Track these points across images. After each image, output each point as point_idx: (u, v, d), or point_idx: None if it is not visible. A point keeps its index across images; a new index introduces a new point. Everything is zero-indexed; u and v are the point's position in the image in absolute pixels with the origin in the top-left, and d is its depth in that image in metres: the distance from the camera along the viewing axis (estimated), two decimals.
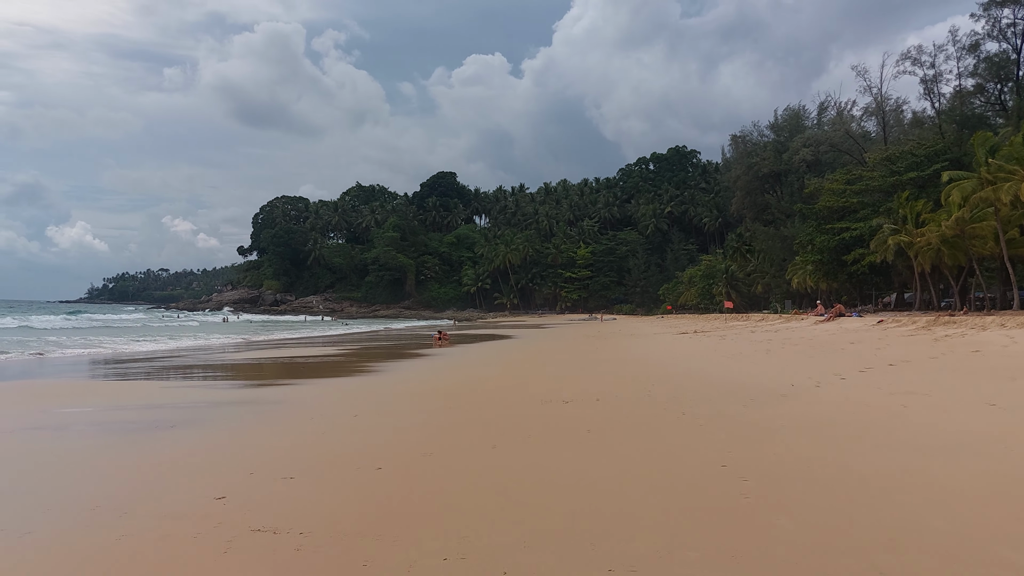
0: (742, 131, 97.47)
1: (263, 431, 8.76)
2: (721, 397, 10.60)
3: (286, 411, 10.45)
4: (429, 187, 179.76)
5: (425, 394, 12.37)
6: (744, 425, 8.19)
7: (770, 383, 12.18)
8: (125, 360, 23.12)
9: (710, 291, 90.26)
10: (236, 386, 14.71)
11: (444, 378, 16.02)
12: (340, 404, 11.22)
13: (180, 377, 17.57)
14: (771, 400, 10.11)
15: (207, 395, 12.79)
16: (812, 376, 12.68)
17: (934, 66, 55.69)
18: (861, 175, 54.33)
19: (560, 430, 8.18)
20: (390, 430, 8.68)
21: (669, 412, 9.23)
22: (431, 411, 10.11)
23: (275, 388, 14.16)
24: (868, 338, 20.69)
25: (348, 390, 13.69)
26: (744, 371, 14.82)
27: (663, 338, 34.90)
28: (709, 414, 8.98)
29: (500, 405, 10.53)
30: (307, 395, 12.71)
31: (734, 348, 22.29)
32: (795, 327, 31.82)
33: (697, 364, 17.38)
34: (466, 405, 10.59)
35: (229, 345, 33.55)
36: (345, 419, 9.53)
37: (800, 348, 19.90)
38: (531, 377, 15.53)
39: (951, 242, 38.13)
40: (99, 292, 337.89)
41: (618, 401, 10.62)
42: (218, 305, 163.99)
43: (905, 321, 24.67)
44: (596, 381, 13.87)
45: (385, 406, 10.83)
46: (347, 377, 16.69)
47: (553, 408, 9.99)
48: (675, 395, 11.01)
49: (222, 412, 10.47)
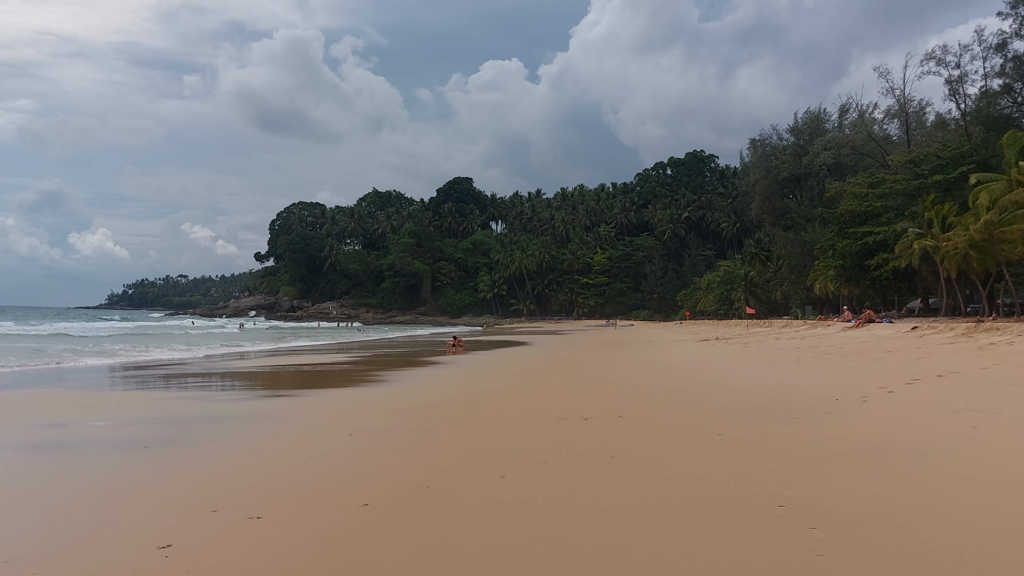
0: (761, 135, 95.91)
1: (243, 454, 7.78)
2: (759, 414, 9.49)
3: (276, 429, 9.49)
4: (445, 193, 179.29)
5: (432, 408, 11.37)
6: (793, 450, 7.10)
7: (810, 397, 11.05)
8: (128, 368, 22.36)
9: (728, 297, 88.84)
10: (231, 398, 13.80)
11: (454, 390, 15.00)
12: (337, 420, 10.25)
13: (178, 387, 16.70)
14: (816, 418, 9.00)
15: (197, 408, 11.88)
16: (855, 389, 11.51)
17: (959, 66, 54.23)
18: (884, 178, 53.05)
19: (580, 454, 7.13)
20: (386, 453, 7.66)
21: (703, 433, 8.15)
22: (435, 429, 9.11)
23: (271, 401, 13.23)
24: (905, 346, 19.42)
25: (349, 403, 12.72)
26: (777, 383, 13.67)
27: (684, 345, 33.69)
28: (749, 435, 7.89)
29: (512, 422, 9.51)
30: (304, 409, 11.76)
31: (761, 356, 21.10)
32: (823, 334, 30.49)
33: (724, 374, 16.24)
34: (475, 422, 9.57)
35: (238, 353, 32.78)
36: (338, 439, 8.54)
37: (832, 357, 18.67)
38: (547, 388, 14.48)
39: (979, 246, 36.80)
40: (119, 298, 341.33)
41: (643, 418, 9.56)
42: (235, 311, 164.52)
43: (941, 328, 23.37)
44: (617, 394, 12.81)
45: (386, 422, 9.83)
46: (352, 388, 15.73)
47: (571, 426, 8.96)
48: (706, 411, 9.91)
49: (205, 430, 9.53)
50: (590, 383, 15.46)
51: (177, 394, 14.69)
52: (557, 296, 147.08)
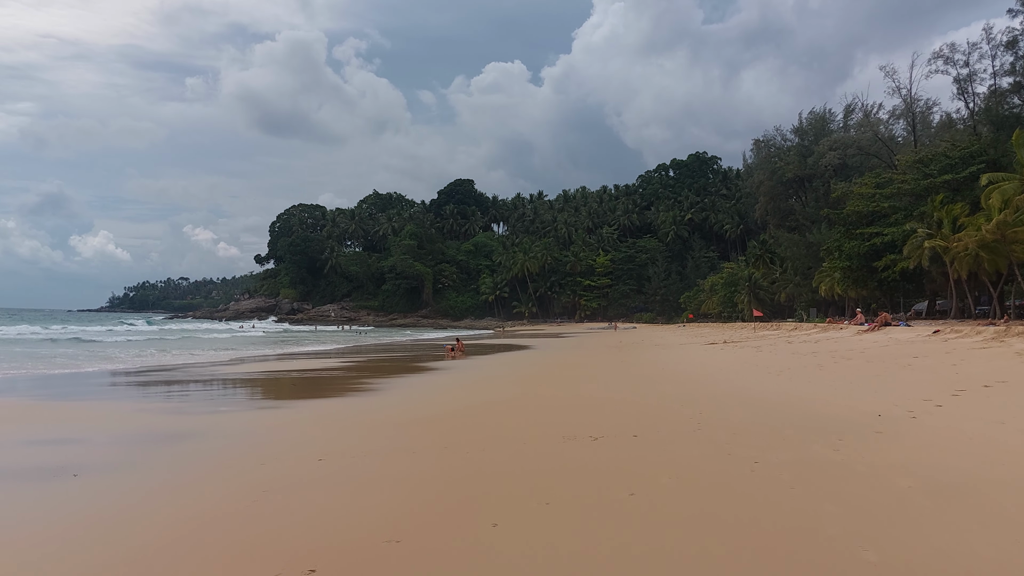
0: (765, 135, 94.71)
1: (185, 487, 6.50)
2: (795, 433, 8.22)
3: (239, 451, 8.24)
4: (446, 195, 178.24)
5: (420, 424, 10.12)
6: (853, 484, 5.83)
7: (846, 411, 9.80)
8: (117, 374, 21.15)
9: (732, 299, 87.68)
10: (205, 410, 12.57)
11: (447, 400, 13.70)
12: (311, 439, 8.99)
13: (158, 397, 15.48)
14: (864, 438, 7.74)
15: (162, 424, 10.60)
16: (896, 401, 10.28)
17: (968, 64, 53.21)
18: (892, 178, 52.11)
19: (591, 489, 5.89)
20: (355, 488, 6.36)
21: (736, 458, 6.90)
22: (420, 451, 7.87)
23: (246, 415, 11.96)
24: (932, 351, 18.20)
25: (330, 417, 11.42)
26: (804, 393, 12.42)
27: (691, 349, 32.46)
28: (792, 462, 6.64)
29: (510, 442, 8.27)
30: (279, 424, 10.51)
31: (777, 362, 19.87)
32: (837, 337, 29.27)
33: (743, 383, 14.98)
34: (466, 443, 8.31)
35: (225, 359, 31.61)
36: (304, 466, 7.26)
37: (855, 363, 17.45)
38: (549, 399, 13.20)
39: (991, 247, 35.78)
40: (120, 301, 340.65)
41: (661, 438, 8.30)
42: (235, 314, 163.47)
43: (967, 331, 22.16)
44: (628, 406, 11.57)
45: (364, 443, 8.56)
46: (338, 398, 14.48)
47: (578, 448, 7.74)
48: (733, 428, 8.65)
49: (157, 452, 8.25)
50: (597, 393, 14.23)
51: (149, 405, 13.47)
52: (559, 298, 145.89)
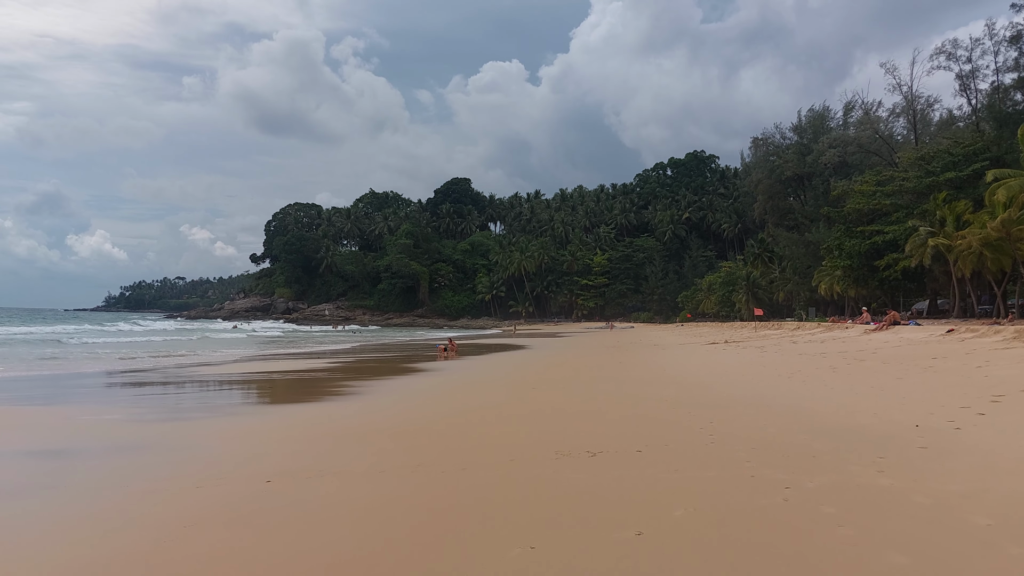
0: (764, 133, 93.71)
1: (83, 522, 5.26)
2: (826, 449, 7.11)
3: (173, 469, 7.04)
4: (443, 194, 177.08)
5: (395, 435, 8.97)
6: (916, 522, 4.69)
7: (878, 421, 8.68)
8: (74, 376, 19.94)
9: (730, 299, 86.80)
10: (160, 417, 11.36)
11: (431, 407, 12.54)
12: (264, 454, 7.83)
13: (103, 402, 14.32)
14: (907, 455, 6.64)
15: (103, 433, 9.28)
16: (930, 409, 9.18)
17: (971, 60, 52.42)
18: (893, 176, 51.29)
19: (588, 526, 4.77)
20: (298, 529, 5.07)
21: (762, 482, 5.79)
22: (389, 471, 6.70)
23: (202, 423, 10.58)
24: (950, 352, 17.15)
25: (294, 427, 10.23)
26: (822, 399, 11.27)
27: (692, 349, 31.36)
28: (831, 488, 5.53)
29: (495, 459, 7.17)
30: (237, 434, 9.32)
31: (786, 363, 18.77)
32: (843, 337, 28.22)
33: (753, 387, 13.84)
34: (443, 461, 7.19)
35: (212, 360, 30.48)
36: (245, 491, 6.13)
37: (871, 364, 16.38)
38: (543, 405, 12.03)
39: (995, 245, 34.91)
40: (116, 300, 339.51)
41: (670, 455, 7.17)
42: (230, 314, 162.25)
43: (984, 331, 21.11)
44: (630, 414, 10.42)
45: (324, 460, 7.42)
46: (312, 403, 13.30)
47: (574, 467, 6.63)
48: (752, 443, 7.53)
49: (77, 471, 7.12)
50: (595, 398, 13.11)
51: (104, 411, 12.30)
52: (556, 298, 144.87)
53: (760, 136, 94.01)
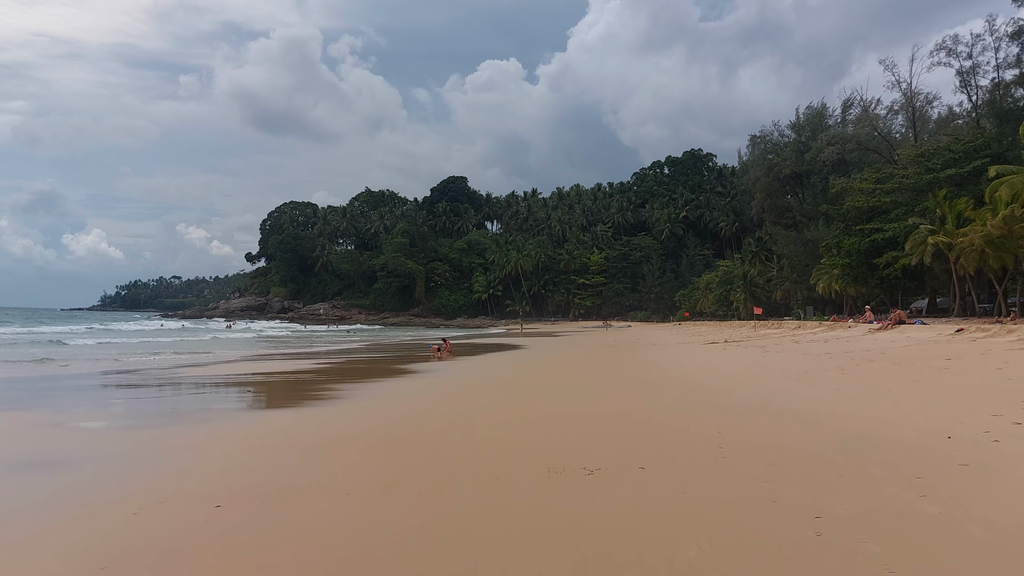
0: (762, 131, 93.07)
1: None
2: (853, 465, 6.27)
3: (110, 490, 6.18)
4: (439, 192, 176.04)
5: (372, 446, 8.15)
6: (982, 565, 3.88)
7: (903, 430, 7.88)
8: (54, 379, 19.07)
9: (728, 297, 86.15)
10: (102, 427, 10.52)
11: (415, 413, 11.69)
12: (219, 471, 6.96)
13: (70, 406, 13.43)
14: (948, 474, 5.84)
15: (54, 442, 8.41)
16: (958, 416, 8.34)
17: (971, 56, 51.85)
18: (893, 173, 50.67)
19: (587, 573, 4.00)
20: (237, 566, 4.30)
21: (786, 508, 5.00)
22: (356, 492, 5.87)
23: (151, 433, 9.64)
24: (963, 352, 16.36)
25: (260, 436, 9.37)
26: (837, 404, 10.44)
27: (691, 348, 30.56)
28: (868, 516, 4.73)
29: (479, 477, 6.36)
30: (190, 446, 8.47)
31: (791, 364, 17.97)
32: (847, 336, 27.46)
33: (760, 389, 13.05)
34: (421, 478, 6.35)
35: (199, 361, 29.63)
36: (189, 518, 5.25)
37: (881, 366, 15.59)
38: (536, 412, 11.20)
39: (997, 243, 34.27)
40: (112, 300, 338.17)
41: (676, 472, 6.37)
42: (225, 313, 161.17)
43: (995, 330, 20.37)
44: (630, 420, 9.59)
45: (286, 477, 6.54)
46: (288, 409, 12.39)
47: (568, 487, 5.83)
48: (768, 457, 6.72)
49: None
50: (592, 402, 12.31)
51: (57, 416, 11.44)
52: (553, 297, 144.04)
53: (758, 134, 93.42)
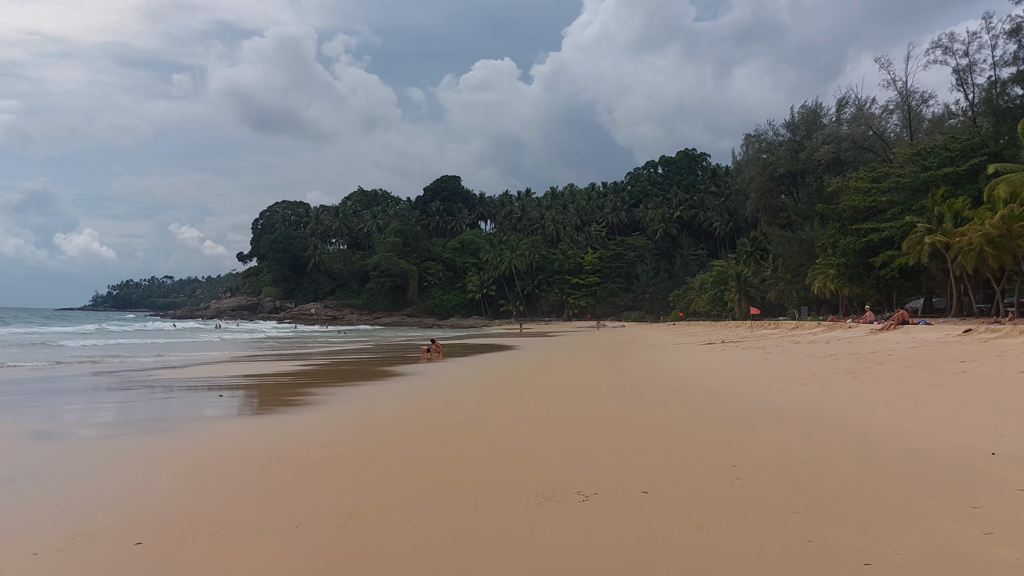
0: (756, 130, 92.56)
1: None
2: (891, 489, 5.40)
3: (15, 521, 5.23)
4: (433, 191, 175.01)
5: (334, 464, 7.22)
6: None
7: (934, 444, 7.05)
8: (27, 381, 18.09)
9: (722, 298, 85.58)
10: (43, 439, 9.64)
11: (392, 422, 10.68)
12: (151, 496, 5.93)
13: (20, 413, 12.53)
14: (1007, 501, 5.01)
15: None
16: (995, 427, 7.30)
17: (967, 54, 51.34)
18: (889, 172, 50.13)
19: None
20: None
21: (824, 551, 4.11)
22: (308, 525, 4.89)
23: (102, 444, 8.66)
24: (978, 354, 15.56)
25: (215, 450, 8.39)
26: (853, 411, 9.61)
27: (688, 350, 29.72)
28: (927, 562, 3.87)
29: (456, 504, 5.43)
30: (137, 460, 7.51)
31: (793, 366, 17.15)
32: (849, 337, 26.68)
33: (767, 394, 12.18)
34: (388, 506, 5.41)
35: (178, 363, 28.65)
36: (104, 556, 4.29)
37: (892, 369, 14.76)
38: (526, 423, 10.26)
39: (995, 242, 33.65)
40: (103, 300, 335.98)
41: (687, 496, 5.47)
42: (216, 313, 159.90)
43: (1006, 330, 19.59)
44: (629, 432, 8.74)
45: (228, 505, 5.58)
46: (253, 417, 11.38)
47: (560, 519, 4.93)
48: (792, 479, 5.85)
49: None
50: (586, 410, 11.40)
51: (3, 426, 10.53)
52: (547, 297, 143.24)
53: (752, 133, 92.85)
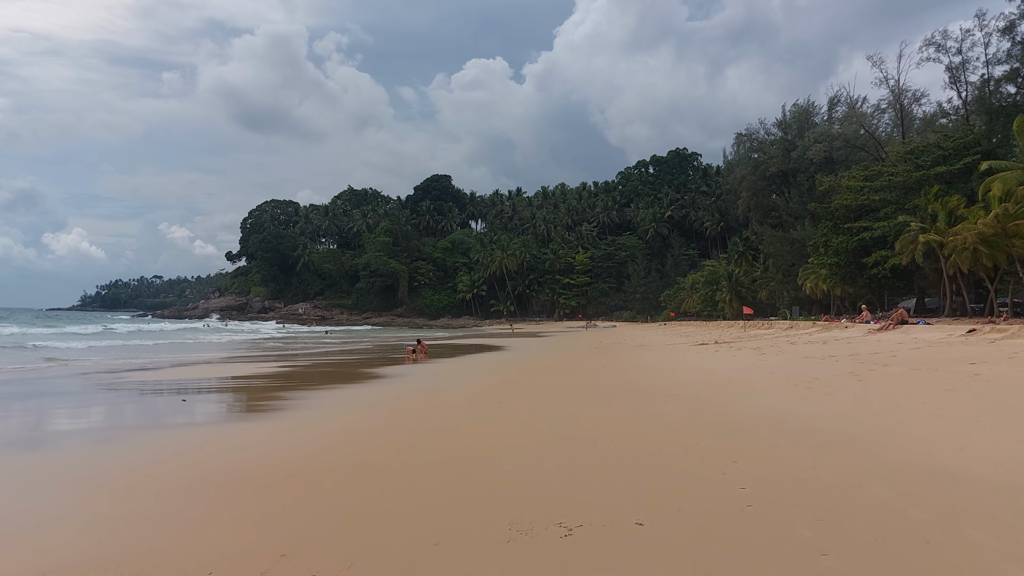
0: (748, 129, 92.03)
1: None
2: (930, 518, 4.61)
3: None
4: (423, 191, 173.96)
5: (280, 484, 6.34)
6: None
7: (967, 460, 6.24)
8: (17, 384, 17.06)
9: (713, 297, 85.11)
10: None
11: (359, 432, 9.77)
12: (76, 528, 5.06)
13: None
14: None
15: None
16: (1020, 435, 6.76)
17: (960, 52, 50.92)
18: (881, 171, 49.66)
19: None
20: None
21: None
22: (229, 570, 4.06)
23: (36, 456, 7.74)
24: (987, 355, 14.82)
25: (153, 466, 7.48)
26: (866, 420, 8.84)
27: (681, 351, 28.92)
28: None
29: (412, 542, 4.56)
30: (68, 478, 6.58)
31: (793, 368, 16.35)
32: (846, 338, 25.96)
33: (769, 400, 11.39)
34: (330, 543, 4.55)
35: (152, 364, 27.65)
36: None
37: (898, 371, 13.97)
38: (505, 435, 9.38)
39: (989, 241, 33.13)
40: (92, 299, 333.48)
41: (690, 530, 4.61)
42: (204, 312, 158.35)
43: (1014, 330, 18.90)
44: (621, 448, 7.90)
45: (145, 540, 4.69)
46: (217, 425, 10.40)
47: (536, 562, 4.07)
48: (812, 506, 5.02)
49: None
50: (571, 419, 10.54)
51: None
52: (538, 296, 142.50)
53: (744, 132, 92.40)
